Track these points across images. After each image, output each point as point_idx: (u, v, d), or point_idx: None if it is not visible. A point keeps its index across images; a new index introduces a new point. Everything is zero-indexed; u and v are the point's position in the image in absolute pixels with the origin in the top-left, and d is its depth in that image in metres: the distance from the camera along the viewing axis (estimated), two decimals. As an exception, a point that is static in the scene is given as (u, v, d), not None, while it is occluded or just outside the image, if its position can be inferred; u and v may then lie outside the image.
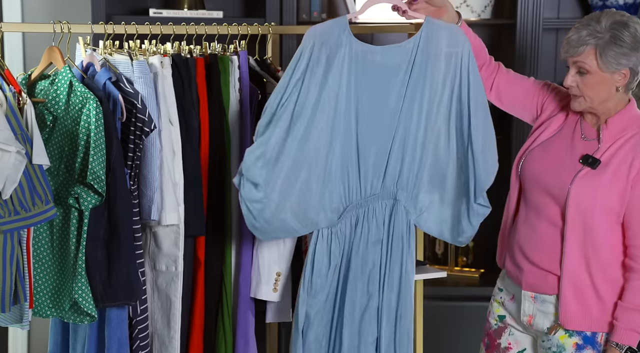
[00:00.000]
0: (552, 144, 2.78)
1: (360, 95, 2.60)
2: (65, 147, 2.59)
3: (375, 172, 2.66)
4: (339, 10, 4.04)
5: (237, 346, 2.85)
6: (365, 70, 2.58)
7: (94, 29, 2.75)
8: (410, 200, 2.72)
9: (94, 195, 2.52)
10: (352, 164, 2.64)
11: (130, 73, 2.68)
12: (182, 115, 2.73)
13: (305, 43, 2.54)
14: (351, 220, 2.68)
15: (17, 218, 2.42)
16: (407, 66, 2.61)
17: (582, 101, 2.69)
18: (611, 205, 2.65)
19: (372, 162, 2.65)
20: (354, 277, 2.68)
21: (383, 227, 2.70)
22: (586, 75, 2.65)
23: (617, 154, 2.67)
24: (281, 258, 2.84)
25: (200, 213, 2.76)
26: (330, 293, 2.69)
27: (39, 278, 2.61)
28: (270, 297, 2.85)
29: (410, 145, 2.67)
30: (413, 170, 2.69)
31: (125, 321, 2.67)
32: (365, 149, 2.64)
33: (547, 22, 3.95)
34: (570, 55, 2.66)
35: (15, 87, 2.53)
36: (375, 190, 2.67)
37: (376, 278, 2.70)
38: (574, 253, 2.68)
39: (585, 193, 2.66)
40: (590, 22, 2.64)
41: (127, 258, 2.59)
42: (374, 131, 2.63)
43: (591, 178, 2.67)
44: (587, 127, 2.75)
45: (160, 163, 2.66)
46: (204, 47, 2.85)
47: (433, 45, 2.62)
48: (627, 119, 2.70)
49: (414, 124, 2.65)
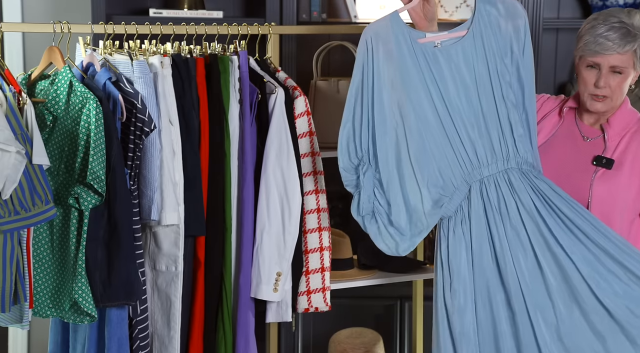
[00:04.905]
0: (552, 148, 2.76)
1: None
2: (65, 147, 2.59)
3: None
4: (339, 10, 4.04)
5: (237, 346, 2.85)
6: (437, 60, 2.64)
7: (94, 29, 2.75)
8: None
9: (94, 195, 2.52)
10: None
11: (130, 73, 2.68)
12: (182, 115, 2.73)
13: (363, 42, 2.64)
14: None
15: (17, 218, 2.42)
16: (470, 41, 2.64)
17: (609, 102, 2.65)
18: (631, 200, 2.64)
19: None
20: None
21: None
22: (620, 76, 2.61)
23: (627, 151, 2.66)
24: (281, 258, 2.84)
25: (200, 213, 2.76)
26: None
27: (39, 278, 2.61)
28: (270, 297, 2.84)
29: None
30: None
31: (125, 321, 2.67)
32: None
33: (547, 22, 3.95)
34: (609, 53, 2.59)
35: (15, 87, 2.53)
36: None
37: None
38: None
39: (606, 194, 2.64)
40: (622, 19, 2.58)
41: (127, 258, 2.59)
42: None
43: (609, 178, 2.65)
44: (585, 128, 2.74)
45: (160, 163, 2.66)
46: (204, 47, 2.85)
47: (491, 22, 2.64)
48: (625, 115, 2.70)
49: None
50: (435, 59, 2.64)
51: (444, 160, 2.62)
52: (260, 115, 2.87)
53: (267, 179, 2.83)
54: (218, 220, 2.81)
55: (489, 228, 2.60)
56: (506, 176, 2.61)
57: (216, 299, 2.84)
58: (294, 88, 2.94)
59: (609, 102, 2.65)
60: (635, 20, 2.58)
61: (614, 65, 2.60)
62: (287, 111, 2.86)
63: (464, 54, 2.64)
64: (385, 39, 2.65)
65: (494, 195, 2.60)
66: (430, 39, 2.66)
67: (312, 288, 2.99)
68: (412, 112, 2.63)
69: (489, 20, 2.65)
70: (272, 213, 2.83)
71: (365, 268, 3.31)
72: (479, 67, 2.64)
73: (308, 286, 2.99)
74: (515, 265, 2.56)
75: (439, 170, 2.63)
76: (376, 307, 4.04)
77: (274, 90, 2.86)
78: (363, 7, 3.98)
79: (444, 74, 2.64)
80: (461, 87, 2.64)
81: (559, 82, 4.10)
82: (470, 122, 2.63)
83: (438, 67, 2.64)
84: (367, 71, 2.66)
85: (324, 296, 3.00)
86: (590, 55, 2.62)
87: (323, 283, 2.99)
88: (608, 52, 2.59)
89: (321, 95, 3.34)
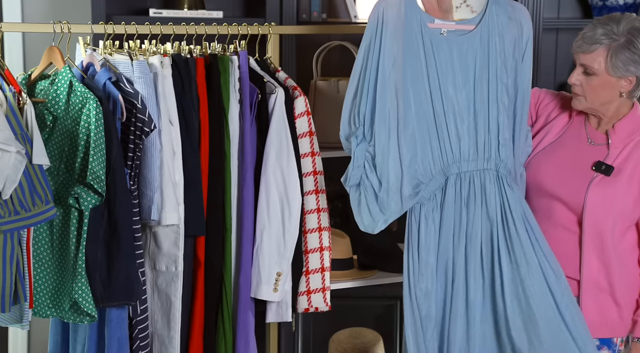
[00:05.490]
0: (558, 149, 2.76)
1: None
2: (65, 147, 2.59)
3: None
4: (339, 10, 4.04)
5: (237, 346, 2.85)
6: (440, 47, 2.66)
7: (94, 29, 2.75)
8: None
9: (94, 195, 2.52)
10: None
11: (130, 73, 2.68)
12: (182, 115, 2.73)
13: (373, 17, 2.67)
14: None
15: (17, 218, 2.42)
16: (476, 38, 2.67)
17: (583, 100, 2.67)
18: (627, 209, 2.64)
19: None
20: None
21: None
22: (591, 76, 2.62)
23: (629, 159, 2.66)
24: (281, 258, 2.84)
25: (200, 213, 2.76)
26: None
27: (39, 278, 2.61)
28: (270, 297, 2.84)
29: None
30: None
31: (125, 321, 2.67)
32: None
33: (547, 22, 3.94)
34: (581, 51, 2.62)
35: (15, 87, 2.53)
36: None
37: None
38: (593, 260, 2.67)
39: (602, 201, 2.64)
40: (609, 22, 2.60)
41: (127, 258, 2.59)
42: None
43: (606, 185, 2.65)
44: (592, 131, 2.73)
45: (160, 163, 2.66)
46: (204, 47, 2.85)
47: (500, 23, 2.67)
48: (633, 122, 2.69)
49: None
50: (439, 46, 2.65)
51: (428, 147, 2.66)
52: (260, 115, 2.86)
53: (267, 179, 2.83)
54: (218, 220, 2.81)
55: (455, 220, 2.67)
56: (482, 176, 2.67)
57: (216, 299, 2.84)
58: (294, 88, 2.94)
59: (584, 102, 2.67)
60: (623, 26, 2.58)
61: (582, 63, 2.64)
62: (287, 111, 2.86)
63: (467, 49, 2.66)
64: (397, 16, 2.65)
65: (466, 190, 2.67)
66: (438, 25, 2.67)
67: (312, 288, 2.99)
68: (409, 93, 2.64)
69: (497, 22, 2.68)
70: (272, 213, 2.83)
71: (365, 268, 3.31)
72: (480, 65, 2.66)
73: (308, 286, 2.99)
74: (465, 262, 2.66)
75: (421, 156, 2.66)
76: (376, 307, 4.04)
77: (274, 90, 2.86)
78: (363, 7, 3.97)
79: (444, 63, 2.66)
80: (459, 80, 2.66)
81: (559, 82, 4.10)
82: (461, 116, 2.66)
83: (441, 55, 2.66)
84: (374, 42, 2.67)
85: (324, 296, 3.00)
86: (574, 50, 2.67)
87: (323, 283, 2.99)
88: (579, 49, 2.64)
89: (321, 95, 3.34)
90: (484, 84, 2.67)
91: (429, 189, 2.67)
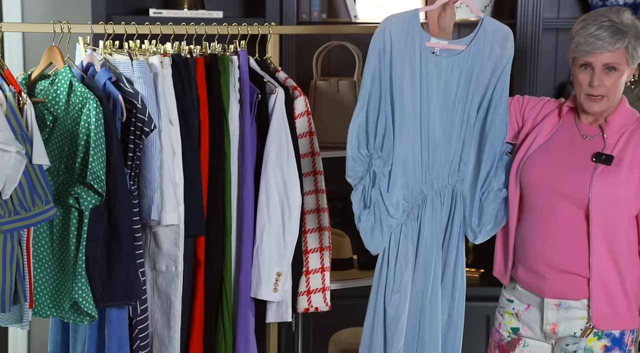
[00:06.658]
0: (552, 146, 2.76)
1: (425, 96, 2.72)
2: (65, 147, 2.59)
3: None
4: (339, 11, 4.04)
5: (237, 346, 2.85)
6: (429, 66, 2.69)
7: (94, 29, 2.75)
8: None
9: (94, 195, 2.52)
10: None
11: (130, 73, 2.68)
12: (182, 115, 2.73)
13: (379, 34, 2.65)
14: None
15: (17, 218, 2.42)
16: (462, 61, 2.71)
17: (605, 101, 2.65)
18: (630, 198, 2.64)
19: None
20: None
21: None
22: (614, 73, 2.61)
23: (626, 147, 2.66)
24: (281, 258, 2.84)
25: (200, 213, 2.76)
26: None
27: (39, 278, 2.61)
28: (270, 297, 2.85)
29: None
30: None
31: (125, 321, 2.67)
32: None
33: (547, 22, 3.94)
34: (601, 52, 2.58)
35: (15, 87, 2.53)
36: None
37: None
38: (602, 252, 2.66)
39: (606, 190, 2.64)
40: (611, 17, 2.59)
41: (127, 258, 2.59)
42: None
43: (608, 174, 2.65)
44: (584, 127, 2.74)
45: (160, 163, 2.66)
46: (204, 47, 2.85)
47: (487, 45, 2.71)
48: (624, 115, 2.70)
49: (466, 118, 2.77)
50: (428, 66, 2.67)
51: (412, 167, 2.71)
52: (260, 115, 2.87)
53: (267, 179, 2.83)
54: (218, 220, 2.81)
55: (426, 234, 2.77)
56: (446, 190, 2.77)
57: (216, 299, 2.84)
58: (294, 88, 2.94)
59: (606, 102, 2.65)
60: (624, 17, 2.59)
61: (606, 63, 2.60)
62: (287, 111, 2.87)
63: (454, 71, 2.69)
64: (403, 33, 2.65)
65: (438, 206, 2.76)
66: (433, 44, 2.67)
67: (312, 288, 2.99)
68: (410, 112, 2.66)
69: (486, 43, 2.71)
70: (272, 213, 2.83)
71: (365, 268, 3.31)
72: (461, 86, 2.70)
73: (308, 286, 2.99)
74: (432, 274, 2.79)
75: (412, 176, 2.71)
76: (376, 307, 4.03)
77: (274, 90, 2.86)
78: (363, 7, 3.98)
79: (432, 82, 2.68)
80: (442, 101, 2.70)
81: (559, 82, 4.10)
82: (439, 135, 2.72)
83: (430, 75, 2.68)
84: (383, 61, 2.65)
85: (324, 296, 3.00)
86: (582, 55, 2.62)
87: (323, 283, 3.00)
88: (599, 51, 2.59)
89: (321, 95, 3.34)
90: (460, 105, 2.72)
91: (410, 209, 2.74)
